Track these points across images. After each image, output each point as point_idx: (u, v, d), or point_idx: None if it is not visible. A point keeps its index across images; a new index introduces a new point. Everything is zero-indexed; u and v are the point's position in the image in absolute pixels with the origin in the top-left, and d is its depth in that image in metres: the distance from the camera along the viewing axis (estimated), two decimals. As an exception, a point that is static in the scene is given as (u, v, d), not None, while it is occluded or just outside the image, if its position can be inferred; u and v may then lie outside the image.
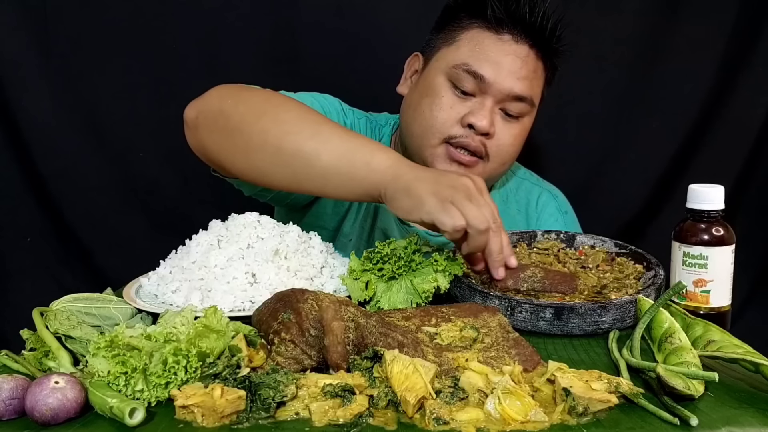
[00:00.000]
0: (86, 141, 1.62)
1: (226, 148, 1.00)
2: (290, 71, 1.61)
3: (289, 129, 0.95)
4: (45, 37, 1.56)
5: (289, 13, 1.60)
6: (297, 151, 0.94)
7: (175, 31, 1.59)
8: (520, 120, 1.22)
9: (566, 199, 1.42)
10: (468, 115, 1.17)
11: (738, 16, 1.64)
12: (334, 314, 0.74)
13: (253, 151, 0.97)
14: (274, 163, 0.96)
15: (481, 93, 1.17)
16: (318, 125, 0.96)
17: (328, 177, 0.93)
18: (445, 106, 1.18)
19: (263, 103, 1.00)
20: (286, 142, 0.94)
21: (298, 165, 0.94)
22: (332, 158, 0.92)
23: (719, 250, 0.94)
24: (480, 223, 0.85)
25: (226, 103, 1.01)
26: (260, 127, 0.96)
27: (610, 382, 0.69)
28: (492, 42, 1.17)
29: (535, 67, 1.20)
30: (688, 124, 1.70)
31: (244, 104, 1.00)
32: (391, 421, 0.65)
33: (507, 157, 1.23)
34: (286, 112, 0.98)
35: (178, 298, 0.92)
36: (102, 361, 0.69)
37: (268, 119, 0.97)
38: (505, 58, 1.17)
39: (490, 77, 1.16)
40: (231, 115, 0.99)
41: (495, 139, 1.19)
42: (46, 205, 1.63)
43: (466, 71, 1.17)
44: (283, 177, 0.98)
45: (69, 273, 1.67)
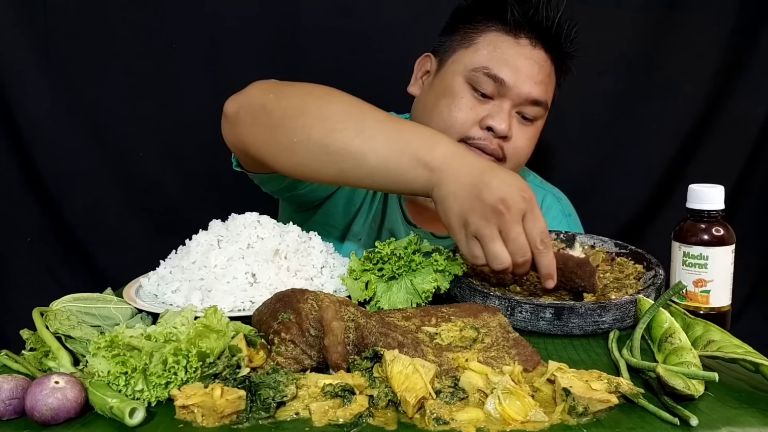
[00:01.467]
0: (86, 141, 1.62)
1: (268, 143, 0.98)
2: (291, 71, 1.61)
3: (333, 126, 0.93)
4: (45, 37, 1.56)
5: (289, 13, 1.60)
6: (343, 149, 0.91)
7: (175, 32, 1.59)
8: (534, 123, 1.23)
9: (569, 201, 1.42)
10: (487, 117, 1.17)
11: (738, 16, 1.64)
12: (334, 314, 0.74)
13: (297, 148, 0.94)
14: (320, 161, 0.94)
15: (500, 96, 1.18)
16: (363, 120, 0.93)
17: (376, 177, 0.92)
18: (465, 107, 1.19)
19: (306, 97, 0.98)
20: (331, 139, 0.92)
21: (345, 164, 0.92)
22: (379, 159, 0.90)
23: (719, 250, 0.94)
24: (498, 265, 0.84)
25: (268, 98, 0.99)
26: (304, 121, 0.94)
27: (610, 382, 0.69)
28: (510, 46, 1.19)
29: (549, 72, 1.22)
30: (688, 124, 1.70)
31: (286, 99, 0.98)
32: (391, 421, 0.65)
33: (522, 159, 1.25)
34: (329, 104, 0.96)
35: (178, 298, 0.93)
36: (102, 361, 0.69)
37: (311, 115, 0.94)
38: (524, 62, 1.18)
39: (509, 81, 1.17)
40: (273, 110, 0.97)
41: (512, 142, 1.20)
42: (46, 205, 1.63)
43: (485, 74, 1.18)
44: (329, 174, 0.95)
45: (69, 273, 1.67)
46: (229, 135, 1.05)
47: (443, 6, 1.27)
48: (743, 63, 1.66)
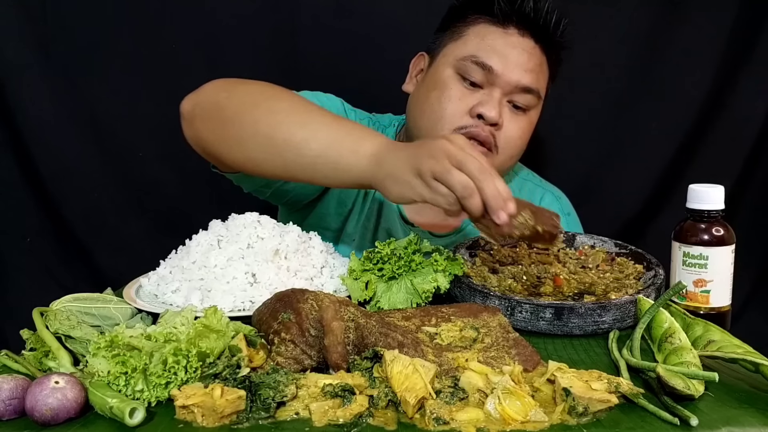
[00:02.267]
0: (86, 141, 1.62)
1: (221, 138, 1.02)
2: (291, 71, 1.61)
3: (280, 119, 0.98)
4: (45, 37, 1.55)
5: (289, 13, 1.60)
6: (287, 140, 0.96)
7: (175, 31, 1.59)
8: (527, 113, 1.23)
9: (569, 200, 1.42)
10: (477, 105, 1.18)
11: (738, 16, 1.64)
12: (334, 314, 0.74)
13: (246, 141, 0.99)
14: (266, 152, 0.98)
15: (489, 85, 1.19)
16: (308, 114, 0.98)
17: (318, 166, 0.95)
18: (454, 98, 1.19)
19: (257, 95, 1.02)
20: (277, 131, 0.97)
21: (289, 154, 0.96)
22: (321, 147, 0.94)
23: (719, 250, 0.94)
24: (464, 190, 0.83)
25: (221, 95, 1.03)
26: (253, 117, 0.99)
27: (610, 382, 0.69)
28: (498, 35, 1.19)
29: (540, 61, 1.22)
30: (688, 124, 1.70)
31: (238, 96, 1.02)
32: (391, 421, 0.65)
33: (515, 150, 1.24)
34: (278, 101, 1.01)
35: (178, 298, 0.93)
36: (102, 361, 0.69)
37: (260, 110, 0.99)
38: (512, 50, 1.19)
39: (498, 68, 1.17)
40: (226, 106, 1.01)
41: (503, 130, 1.20)
42: (46, 205, 1.63)
43: (474, 62, 1.18)
44: (275, 166, 0.99)
45: (69, 273, 1.67)
46: (188, 132, 1.07)
47: (443, 6, 1.28)
48: (743, 63, 1.65)
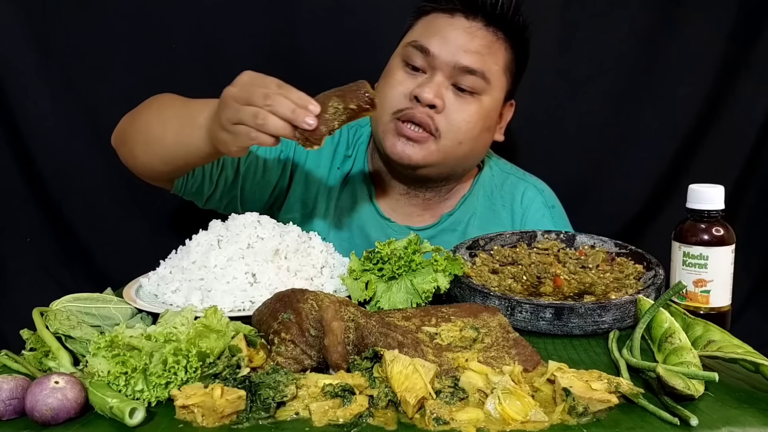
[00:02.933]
0: (86, 141, 1.61)
1: (130, 156, 1.16)
2: (290, 71, 1.60)
3: (146, 123, 1.13)
4: (45, 37, 1.55)
5: (289, 13, 1.60)
6: (151, 137, 1.11)
7: (175, 31, 1.59)
8: (475, 97, 1.20)
9: (553, 192, 1.40)
10: (415, 88, 1.18)
11: (737, 16, 1.63)
12: (334, 314, 0.74)
13: (138, 152, 1.14)
14: (145, 153, 1.13)
15: (431, 68, 1.19)
16: (164, 110, 1.13)
17: (177, 150, 1.08)
18: (396, 83, 1.20)
19: (140, 113, 1.16)
20: (145, 134, 1.12)
21: (158, 149, 1.10)
22: (173, 134, 1.08)
23: (719, 250, 0.94)
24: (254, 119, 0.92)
25: (125, 123, 1.19)
26: (133, 129, 1.15)
27: (610, 382, 0.69)
28: (443, 20, 1.20)
29: (488, 43, 1.20)
30: (688, 124, 1.69)
31: (131, 119, 1.17)
32: (391, 421, 0.65)
33: (462, 135, 1.20)
34: (147, 112, 1.15)
35: (178, 298, 0.93)
36: (102, 361, 0.69)
37: (139, 124, 1.15)
38: (454, 32, 1.19)
39: (435, 50, 1.17)
40: (125, 131, 1.18)
41: (445, 114, 1.18)
42: (46, 205, 1.63)
43: (414, 47, 1.19)
44: (155, 163, 1.13)
45: (69, 273, 1.67)
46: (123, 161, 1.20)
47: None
48: (743, 63, 1.65)
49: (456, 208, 1.32)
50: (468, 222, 1.32)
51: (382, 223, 1.31)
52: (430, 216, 1.33)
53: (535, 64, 1.46)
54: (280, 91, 0.93)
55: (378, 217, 1.31)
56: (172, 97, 1.17)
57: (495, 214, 1.33)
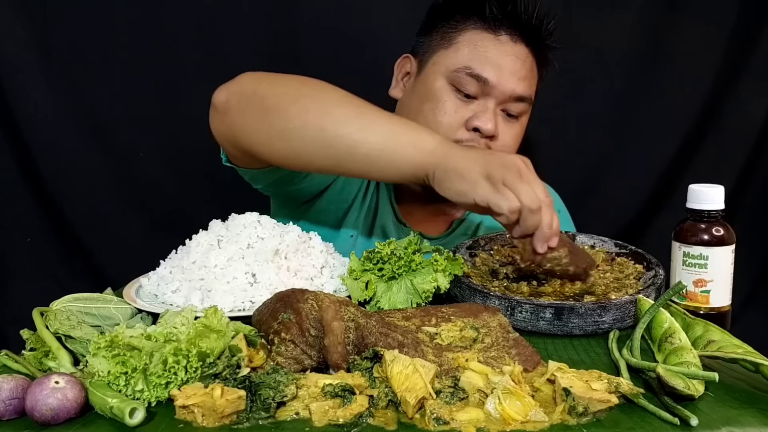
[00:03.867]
0: (86, 141, 1.62)
1: (261, 130, 0.97)
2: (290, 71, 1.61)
3: (330, 110, 0.94)
4: (45, 37, 1.55)
5: (289, 14, 1.60)
6: (340, 131, 0.93)
7: (175, 31, 1.59)
8: (519, 119, 1.23)
9: (558, 196, 1.41)
10: (473, 118, 1.17)
11: (738, 16, 1.64)
12: (334, 314, 0.74)
13: (292, 132, 0.94)
14: (316, 144, 0.94)
15: (484, 95, 1.17)
16: (360, 106, 0.95)
17: (374, 158, 0.92)
18: (449, 111, 1.18)
19: (301, 86, 0.99)
20: (329, 122, 0.93)
21: (342, 146, 0.93)
22: (378, 139, 0.92)
23: (719, 250, 0.94)
24: (533, 203, 0.85)
25: (261, 86, 0.99)
26: (300, 107, 0.94)
27: (610, 382, 0.69)
28: (491, 43, 1.18)
29: (531, 66, 1.21)
30: (688, 124, 1.70)
31: (280, 86, 0.99)
32: (391, 421, 0.65)
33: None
34: (325, 92, 0.97)
35: (178, 298, 0.92)
36: (102, 361, 0.69)
37: (308, 100, 0.95)
38: (506, 59, 1.17)
39: (492, 79, 1.16)
40: (267, 96, 0.97)
41: (499, 141, 1.20)
42: (46, 205, 1.63)
43: (468, 74, 1.17)
44: (325, 159, 0.96)
45: (69, 273, 1.67)
46: (219, 125, 1.03)
47: (443, 7, 1.27)
48: (743, 63, 1.65)
49: (467, 215, 1.34)
50: (477, 228, 1.33)
51: (399, 226, 1.32)
52: (442, 221, 1.34)
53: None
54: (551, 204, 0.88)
55: (395, 221, 1.32)
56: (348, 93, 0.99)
57: None
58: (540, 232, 0.88)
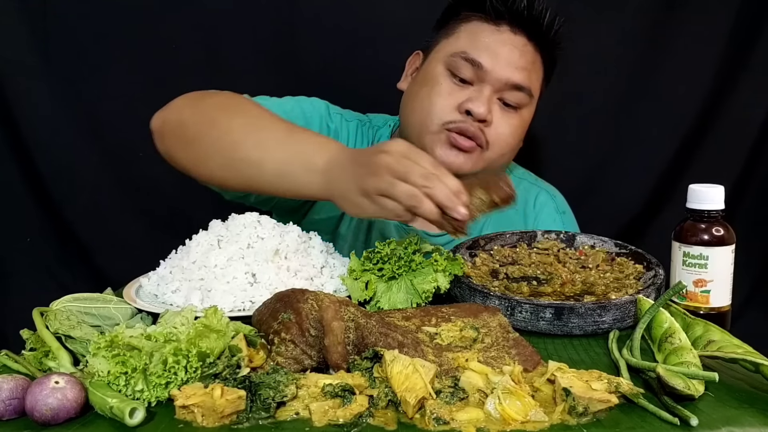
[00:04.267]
0: (86, 141, 1.62)
1: (187, 156, 1.06)
2: (290, 71, 1.61)
3: (236, 138, 1.00)
4: (45, 37, 1.55)
5: (289, 13, 1.60)
6: (244, 160, 0.99)
7: (175, 31, 1.59)
8: (518, 111, 1.22)
9: (564, 199, 1.42)
10: (466, 101, 1.18)
11: (738, 16, 1.64)
12: (334, 314, 0.74)
13: (208, 160, 1.03)
14: (228, 170, 1.02)
15: (479, 81, 1.19)
16: (261, 132, 1.01)
17: (275, 183, 0.98)
18: (444, 93, 1.19)
19: (216, 112, 1.05)
20: (235, 152, 1.00)
21: (248, 172, 1.00)
22: (275, 166, 0.97)
23: (719, 250, 0.94)
24: (410, 198, 0.83)
25: (185, 112, 1.07)
26: (212, 137, 1.02)
27: (610, 382, 0.69)
28: (490, 32, 1.19)
29: (533, 59, 1.22)
30: (688, 124, 1.70)
31: (200, 114, 1.06)
32: (391, 421, 0.65)
33: (506, 148, 1.23)
34: (235, 118, 1.03)
35: (178, 298, 0.93)
36: (102, 361, 0.69)
37: (218, 129, 1.02)
38: (503, 47, 1.18)
39: (487, 65, 1.17)
40: (189, 125, 1.05)
41: (493, 127, 1.19)
42: (46, 205, 1.63)
43: (464, 59, 1.18)
44: (238, 182, 1.04)
45: (69, 273, 1.67)
46: (159, 148, 1.10)
47: (442, 6, 1.27)
48: (743, 63, 1.65)
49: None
50: (482, 227, 1.33)
51: (398, 226, 1.31)
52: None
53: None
54: (437, 173, 0.86)
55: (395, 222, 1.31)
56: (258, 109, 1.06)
57: (508, 219, 1.34)
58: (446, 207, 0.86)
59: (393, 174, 0.85)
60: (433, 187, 0.84)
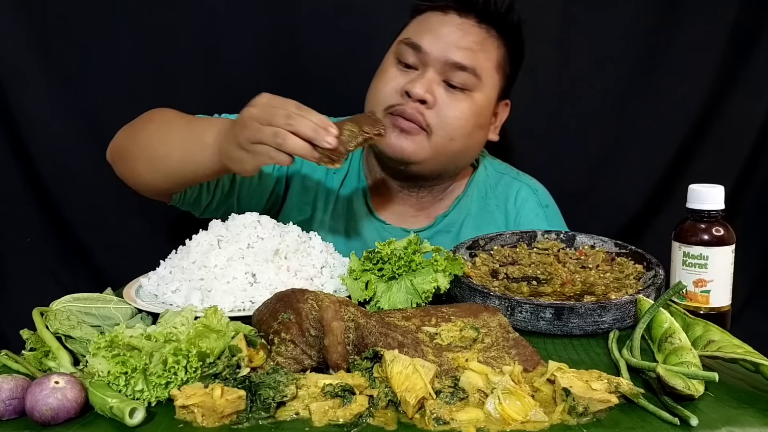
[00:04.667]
0: (86, 141, 1.61)
1: (128, 173, 1.18)
2: (290, 71, 1.61)
3: (148, 142, 1.13)
4: (45, 37, 1.55)
5: (289, 13, 1.60)
6: (156, 156, 1.11)
7: (175, 31, 1.59)
8: (466, 93, 1.20)
9: (547, 191, 1.40)
10: (406, 84, 1.18)
11: (738, 15, 1.63)
12: (334, 314, 0.74)
13: (137, 169, 1.15)
14: (150, 171, 1.13)
15: (423, 65, 1.19)
16: (167, 128, 1.13)
17: (183, 169, 1.10)
18: (388, 79, 1.21)
19: (138, 127, 1.18)
20: (148, 152, 1.13)
21: (162, 166, 1.11)
22: (179, 152, 1.09)
23: (719, 250, 0.94)
24: (276, 136, 0.93)
25: (120, 138, 1.20)
26: (134, 147, 1.15)
27: (610, 382, 0.69)
28: (436, 18, 1.21)
29: (480, 40, 1.20)
30: (688, 124, 1.69)
31: (127, 133, 1.19)
32: (391, 421, 0.65)
33: (453, 131, 1.20)
34: (148, 127, 1.16)
35: (178, 298, 0.93)
36: (102, 361, 0.69)
37: (137, 140, 1.16)
38: (446, 29, 1.19)
39: (427, 47, 1.18)
40: (122, 146, 1.19)
41: (437, 109, 1.18)
42: (46, 205, 1.63)
43: (407, 44, 1.20)
44: (159, 180, 1.14)
45: (69, 273, 1.67)
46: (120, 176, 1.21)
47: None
48: (743, 63, 1.65)
49: (451, 209, 1.33)
50: (462, 223, 1.32)
51: (378, 225, 1.31)
52: (424, 217, 1.33)
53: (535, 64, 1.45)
54: (300, 112, 0.96)
55: (374, 220, 1.31)
56: (172, 113, 1.18)
57: (489, 215, 1.33)
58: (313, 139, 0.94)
59: (259, 121, 0.95)
60: (296, 123, 0.94)
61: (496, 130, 1.31)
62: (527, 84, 1.41)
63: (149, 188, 1.18)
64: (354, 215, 1.32)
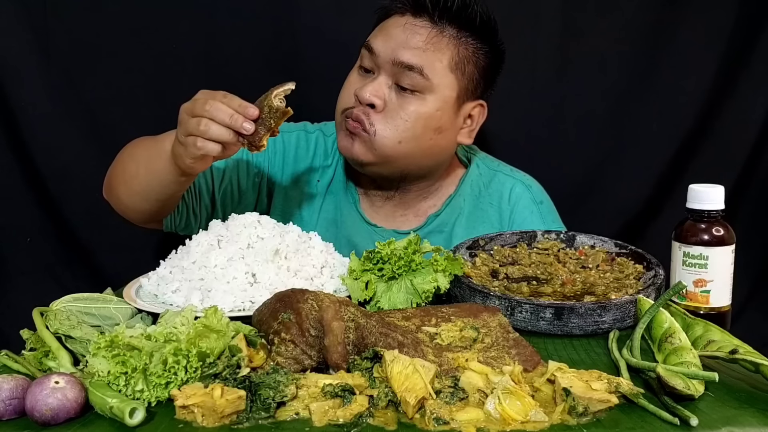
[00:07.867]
0: (86, 141, 1.62)
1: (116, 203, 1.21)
2: (290, 72, 1.61)
3: (122, 165, 1.19)
4: (45, 37, 1.55)
5: (289, 14, 1.60)
6: (129, 175, 1.15)
7: (175, 32, 1.59)
8: (416, 95, 1.17)
9: (542, 188, 1.38)
10: (357, 88, 1.19)
11: (738, 16, 1.64)
12: (334, 314, 0.74)
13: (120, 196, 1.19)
14: (126, 194, 1.17)
15: (377, 68, 1.19)
16: (136, 147, 1.18)
17: (151, 181, 1.11)
18: (348, 84, 1.23)
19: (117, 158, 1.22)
20: (123, 174, 1.17)
21: (135, 185, 1.14)
22: (144, 165, 1.12)
23: (719, 250, 0.94)
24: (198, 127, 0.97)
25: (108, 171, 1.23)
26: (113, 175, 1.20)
27: (610, 382, 0.69)
28: (392, 21, 1.21)
29: (431, 39, 1.17)
30: (688, 124, 1.70)
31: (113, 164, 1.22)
32: (391, 421, 0.65)
33: (399, 134, 1.17)
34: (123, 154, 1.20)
35: (178, 298, 0.93)
36: (102, 361, 0.69)
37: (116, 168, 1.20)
38: (397, 30, 1.18)
39: (378, 48, 1.18)
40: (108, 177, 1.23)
41: (385, 112, 1.17)
42: (46, 205, 1.63)
43: (365, 48, 1.21)
44: (137, 201, 1.17)
45: (69, 273, 1.67)
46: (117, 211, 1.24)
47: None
48: (743, 63, 1.65)
49: (442, 209, 1.31)
50: (455, 222, 1.30)
51: (369, 229, 1.30)
52: (413, 216, 1.32)
53: (535, 64, 1.46)
54: (223, 100, 0.98)
55: (364, 224, 1.30)
56: (144, 138, 1.21)
57: (482, 214, 1.32)
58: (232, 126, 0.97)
59: (188, 113, 1.00)
60: (214, 110, 0.97)
61: (472, 132, 1.27)
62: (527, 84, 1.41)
63: (134, 213, 1.20)
64: (344, 221, 1.31)
